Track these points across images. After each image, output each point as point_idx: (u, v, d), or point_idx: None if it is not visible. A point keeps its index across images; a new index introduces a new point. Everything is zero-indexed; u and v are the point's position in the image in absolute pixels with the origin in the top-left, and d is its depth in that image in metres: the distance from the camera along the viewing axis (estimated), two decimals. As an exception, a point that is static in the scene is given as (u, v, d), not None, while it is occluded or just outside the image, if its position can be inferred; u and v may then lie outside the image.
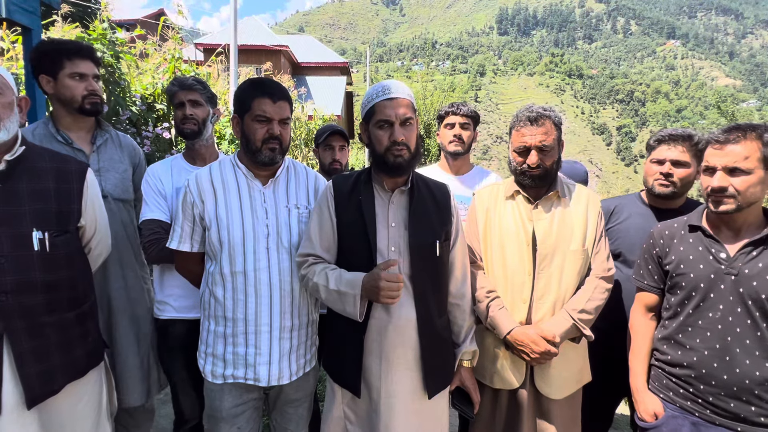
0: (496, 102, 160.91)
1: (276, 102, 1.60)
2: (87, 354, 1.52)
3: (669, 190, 1.92)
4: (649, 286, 1.70)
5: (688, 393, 1.53)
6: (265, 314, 1.61)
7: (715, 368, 1.45)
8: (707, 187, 1.49)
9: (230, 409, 1.64)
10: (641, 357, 1.70)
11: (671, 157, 1.92)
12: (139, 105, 3.33)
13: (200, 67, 5.50)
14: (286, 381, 1.66)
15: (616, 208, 2.10)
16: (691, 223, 1.61)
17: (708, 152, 1.51)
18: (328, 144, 2.52)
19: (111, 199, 1.93)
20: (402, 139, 1.51)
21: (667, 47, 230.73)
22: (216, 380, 1.64)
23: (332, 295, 1.50)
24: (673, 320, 1.60)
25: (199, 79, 2.06)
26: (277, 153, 1.63)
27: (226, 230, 1.60)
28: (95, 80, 1.93)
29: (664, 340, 1.63)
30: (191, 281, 1.81)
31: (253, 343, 1.61)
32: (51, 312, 1.40)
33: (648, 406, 1.63)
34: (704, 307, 1.50)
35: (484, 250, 1.83)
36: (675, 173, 1.91)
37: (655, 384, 1.65)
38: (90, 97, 1.89)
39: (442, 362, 1.62)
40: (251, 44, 19.49)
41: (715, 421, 1.46)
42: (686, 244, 1.59)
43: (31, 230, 1.36)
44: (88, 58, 1.89)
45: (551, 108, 1.77)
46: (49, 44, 1.88)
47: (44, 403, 1.40)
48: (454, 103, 2.50)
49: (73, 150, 1.89)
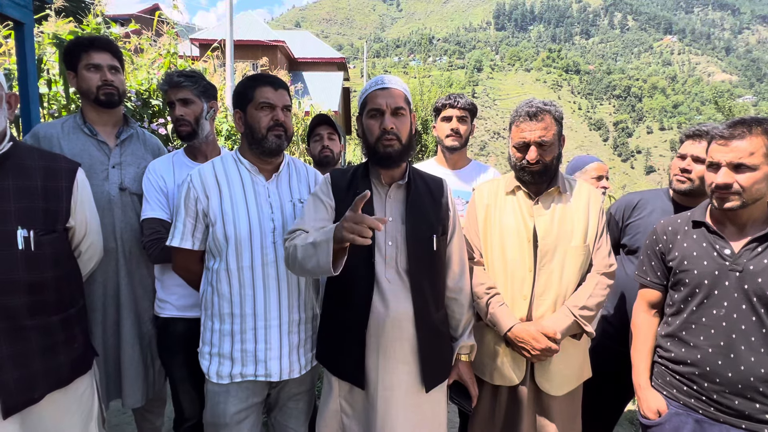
0: (493, 98, 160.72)
1: (277, 90, 1.64)
2: (72, 361, 1.46)
3: (686, 186, 1.89)
4: (652, 282, 1.69)
5: (692, 390, 1.52)
6: (274, 308, 1.62)
7: (720, 365, 1.44)
8: (711, 184, 1.47)
9: (234, 415, 1.63)
10: (644, 354, 1.69)
11: (693, 152, 1.89)
12: (134, 101, 3.29)
13: (196, 63, 5.45)
14: (296, 375, 1.67)
15: (640, 203, 2.07)
16: (694, 219, 1.59)
17: (712, 148, 1.49)
18: (317, 134, 2.50)
19: (129, 192, 1.94)
20: (392, 127, 1.50)
21: (664, 43, 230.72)
22: (222, 380, 1.62)
23: (308, 250, 1.36)
24: (677, 317, 1.58)
25: (187, 73, 2.00)
26: (283, 140, 1.65)
27: (233, 225, 1.60)
28: (113, 71, 1.91)
29: (668, 337, 1.61)
30: (189, 281, 1.79)
31: (263, 338, 1.61)
32: (34, 315, 1.35)
33: (651, 404, 1.62)
34: (708, 303, 1.49)
35: (484, 246, 1.81)
36: (694, 170, 1.88)
37: (659, 381, 1.64)
38: (104, 87, 1.88)
39: (440, 356, 1.61)
40: (247, 39, 19.37)
41: (720, 418, 1.45)
42: (690, 240, 1.57)
43: (15, 228, 1.32)
44: (103, 49, 1.89)
45: (552, 102, 1.75)
46: (71, 41, 1.92)
47: (26, 411, 1.34)
48: (451, 95, 2.44)
49: (97, 142, 1.92)
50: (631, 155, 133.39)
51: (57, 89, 3.01)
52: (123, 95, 1.97)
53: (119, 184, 1.91)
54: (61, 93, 3.01)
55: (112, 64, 1.92)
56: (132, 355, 1.97)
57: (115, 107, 1.95)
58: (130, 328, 1.96)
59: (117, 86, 1.92)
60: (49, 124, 1.94)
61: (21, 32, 2.18)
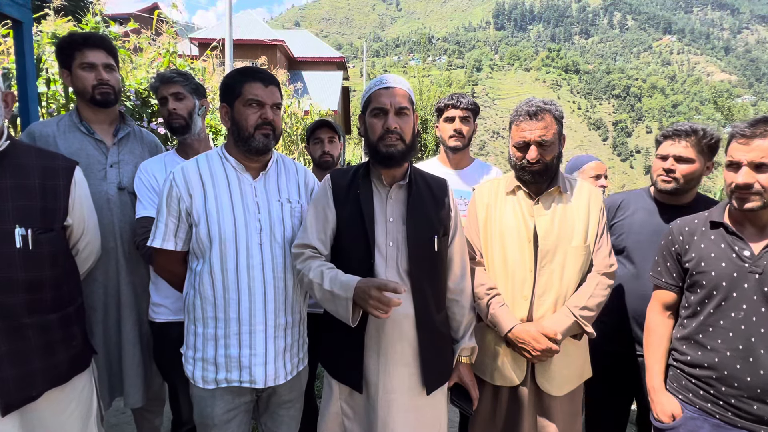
0: (492, 97, 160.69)
1: (267, 86, 1.57)
2: (70, 359, 1.46)
3: (671, 186, 1.90)
4: (667, 283, 1.65)
5: (708, 395, 1.48)
6: (260, 312, 1.56)
7: (738, 369, 1.40)
8: (731, 184, 1.43)
9: (222, 415, 1.59)
10: (658, 356, 1.65)
11: (674, 152, 1.89)
12: (133, 100, 3.28)
13: (195, 62, 5.44)
14: (282, 381, 1.62)
15: (623, 203, 2.07)
16: (712, 220, 1.55)
17: (732, 147, 1.44)
18: (317, 138, 2.49)
19: (127, 192, 1.92)
20: (395, 127, 1.49)
21: (663, 42, 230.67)
22: (207, 386, 1.58)
23: (326, 295, 1.45)
24: (693, 319, 1.54)
25: (180, 71, 2.01)
26: (270, 139, 1.58)
27: (217, 225, 1.54)
28: (108, 70, 1.89)
29: (683, 339, 1.57)
30: (172, 283, 1.74)
31: (248, 343, 1.55)
32: (32, 313, 1.35)
33: (665, 407, 1.58)
34: (726, 306, 1.45)
35: (485, 246, 1.80)
36: (678, 169, 1.88)
37: (674, 385, 1.61)
38: (100, 87, 1.86)
39: (441, 358, 1.60)
40: (247, 39, 19.32)
41: (737, 423, 1.41)
42: (707, 241, 1.53)
43: (13, 227, 1.32)
44: (97, 47, 1.86)
45: (552, 101, 1.74)
46: (64, 37, 1.89)
47: (24, 409, 1.35)
48: (453, 95, 2.43)
49: (95, 141, 1.90)
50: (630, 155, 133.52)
51: (56, 88, 3.00)
52: (119, 94, 1.95)
53: (117, 183, 1.90)
54: (60, 92, 3.01)
55: (107, 62, 1.89)
56: (133, 355, 1.95)
57: (111, 106, 1.93)
58: (132, 328, 1.95)
59: (113, 85, 1.90)
60: (44, 122, 1.93)
61: (20, 31, 2.17)
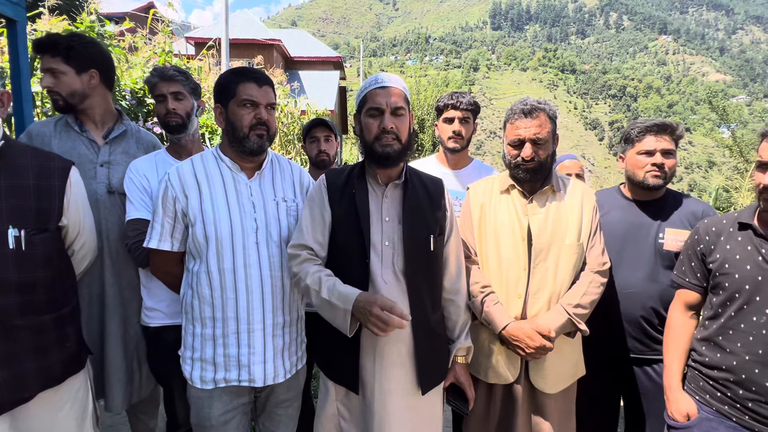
0: (489, 97, 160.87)
1: (261, 86, 1.57)
2: (64, 360, 1.45)
3: (661, 182, 1.91)
4: (691, 284, 1.64)
5: (725, 397, 1.47)
6: (258, 311, 1.56)
7: (757, 374, 1.39)
8: (759, 185, 1.40)
9: (219, 416, 1.59)
10: (677, 355, 1.64)
11: (661, 147, 1.88)
12: (128, 99, 3.27)
13: (191, 61, 5.43)
14: (281, 379, 1.62)
15: (596, 203, 2.09)
16: (741, 221, 1.53)
17: (763, 147, 1.41)
18: (313, 137, 2.48)
19: (117, 194, 1.87)
20: (391, 127, 1.49)
21: (659, 43, 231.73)
22: (206, 386, 1.57)
23: (324, 303, 1.45)
24: (714, 321, 1.53)
25: (180, 69, 1.96)
26: (265, 140, 1.58)
27: (213, 225, 1.54)
28: (54, 75, 1.78)
29: (703, 341, 1.57)
30: (169, 284, 1.73)
31: (246, 342, 1.56)
32: (25, 314, 1.34)
33: (681, 406, 1.58)
34: (748, 310, 1.43)
35: (479, 244, 1.81)
36: (666, 163, 1.88)
37: (691, 385, 1.61)
38: (50, 94, 1.81)
39: (437, 358, 1.60)
40: (243, 38, 19.28)
41: (755, 428, 1.40)
42: (733, 243, 1.51)
43: (6, 227, 1.30)
44: (46, 53, 1.77)
45: (546, 101, 1.76)
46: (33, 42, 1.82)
47: (18, 410, 1.33)
48: (453, 95, 2.36)
49: (87, 140, 1.87)
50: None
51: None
52: (68, 98, 1.82)
53: (107, 183, 1.86)
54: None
55: (54, 67, 1.78)
56: (115, 360, 1.89)
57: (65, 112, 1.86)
58: (115, 331, 1.89)
59: (57, 90, 1.80)
60: (42, 122, 1.91)
61: (14, 30, 2.16)
